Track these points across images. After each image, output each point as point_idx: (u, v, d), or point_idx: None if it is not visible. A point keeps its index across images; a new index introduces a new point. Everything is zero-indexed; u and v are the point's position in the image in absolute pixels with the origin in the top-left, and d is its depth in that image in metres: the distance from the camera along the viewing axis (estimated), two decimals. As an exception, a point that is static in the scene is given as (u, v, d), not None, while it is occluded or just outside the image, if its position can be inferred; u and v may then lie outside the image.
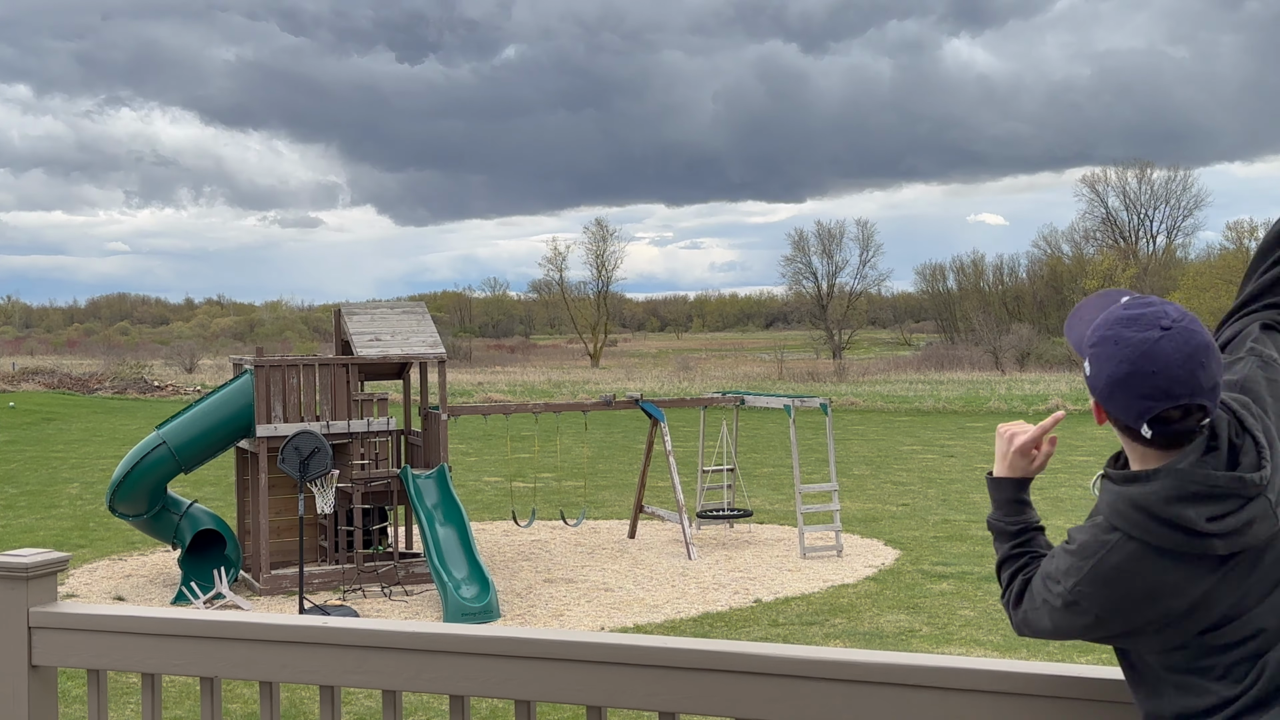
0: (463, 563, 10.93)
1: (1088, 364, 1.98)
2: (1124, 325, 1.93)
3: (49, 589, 2.90)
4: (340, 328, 12.70)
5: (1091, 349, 1.97)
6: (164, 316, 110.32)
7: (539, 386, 43.53)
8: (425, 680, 2.53)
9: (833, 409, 15.24)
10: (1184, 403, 1.86)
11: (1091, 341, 1.98)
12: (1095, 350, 1.96)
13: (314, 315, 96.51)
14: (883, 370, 52.16)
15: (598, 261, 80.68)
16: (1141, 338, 1.90)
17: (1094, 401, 2.00)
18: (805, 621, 10.04)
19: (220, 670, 2.71)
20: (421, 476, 11.74)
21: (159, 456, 11.39)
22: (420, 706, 7.76)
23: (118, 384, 42.49)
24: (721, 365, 56.93)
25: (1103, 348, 1.94)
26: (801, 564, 12.39)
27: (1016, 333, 56.34)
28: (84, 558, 13.02)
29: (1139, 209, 69.05)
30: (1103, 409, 1.98)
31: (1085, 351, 2.00)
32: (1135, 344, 1.90)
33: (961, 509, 15.80)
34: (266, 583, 11.40)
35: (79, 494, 17.90)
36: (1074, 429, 26.91)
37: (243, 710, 7.77)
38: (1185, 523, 1.86)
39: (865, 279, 78.64)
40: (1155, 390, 1.87)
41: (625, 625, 10.03)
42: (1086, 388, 2.02)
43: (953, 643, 9.27)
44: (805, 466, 17.60)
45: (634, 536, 14.11)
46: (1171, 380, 1.86)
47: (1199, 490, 1.87)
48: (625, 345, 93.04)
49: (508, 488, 18.11)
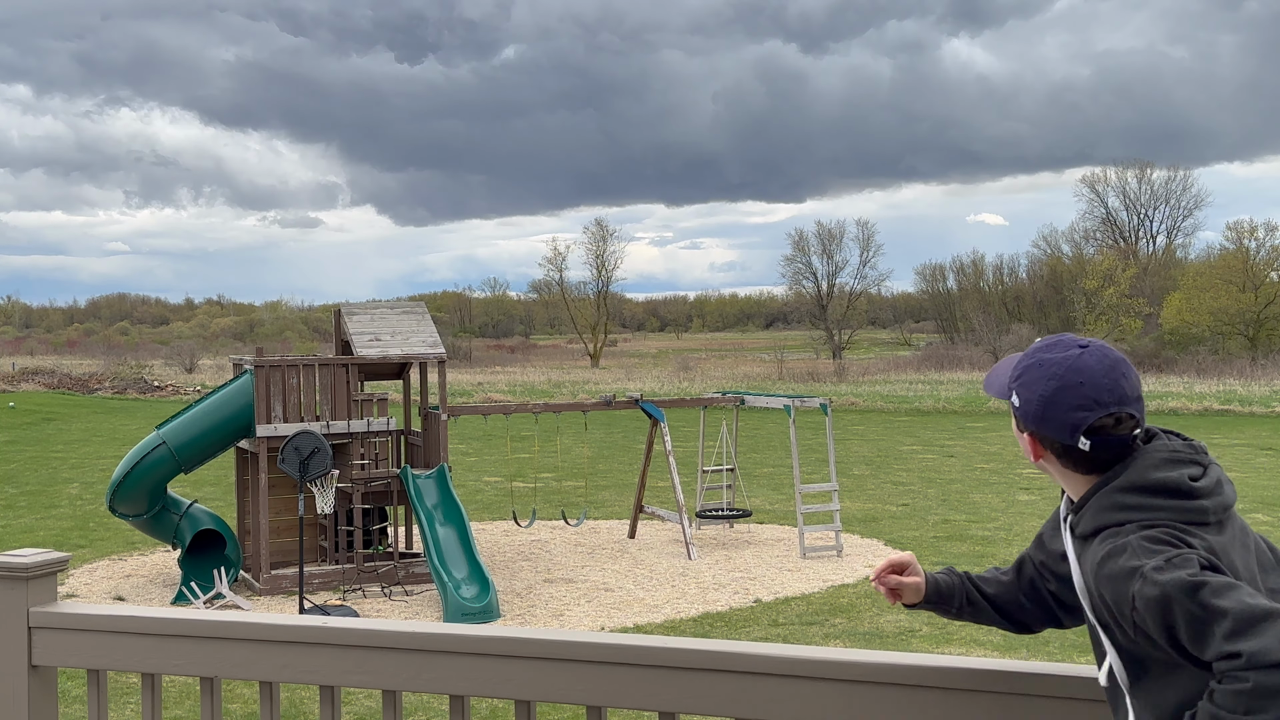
0: (463, 563, 10.93)
1: (1015, 397, 2.02)
2: (1044, 351, 2.02)
3: (49, 589, 2.90)
4: (340, 328, 12.70)
5: (1016, 381, 2.03)
6: (164, 316, 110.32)
7: (539, 386, 43.53)
8: (425, 680, 2.53)
9: (833, 409, 15.24)
10: (1114, 411, 1.93)
11: (1015, 375, 2.04)
12: (1021, 380, 2.02)
13: (314, 315, 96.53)
14: (883, 370, 52.16)
15: (598, 261, 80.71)
16: (1063, 356, 1.98)
17: (1027, 436, 2.03)
18: (805, 621, 10.04)
19: (220, 670, 2.71)
20: (421, 476, 11.74)
21: (159, 456, 11.38)
22: (420, 706, 7.76)
23: (118, 384, 42.49)
24: (721, 365, 56.93)
25: (1028, 375, 2.01)
26: (801, 564, 12.39)
27: (1016, 333, 56.31)
28: (84, 558, 13.02)
29: (1139, 209, 69.11)
30: (1037, 439, 2.01)
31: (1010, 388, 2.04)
32: (1059, 362, 1.98)
33: (961, 509, 15.80)
34: (266, 583, 11.40)
35: (79, 494, 17.90)
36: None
37: (243, 710, 7.77)
38: (1173, 484, 1.89)
39: (865, 279, 78.65)
40: (1086, 400, 1.93)
41: (625, 625, 10.03)
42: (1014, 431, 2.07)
43: (953, 643, 9.27)
44: (805, 466, 17.60)
45: (634, 536, 14.11)
46: (1099, 389, 1.93)
47: (1167, 456, 1.93)
48: (625, 345, 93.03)
49: (508, 488, 18.11)
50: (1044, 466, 2.04)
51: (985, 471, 19.67)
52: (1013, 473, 19.44)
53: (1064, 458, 1.98)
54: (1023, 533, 13.91)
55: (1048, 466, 2.03)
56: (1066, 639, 9.24)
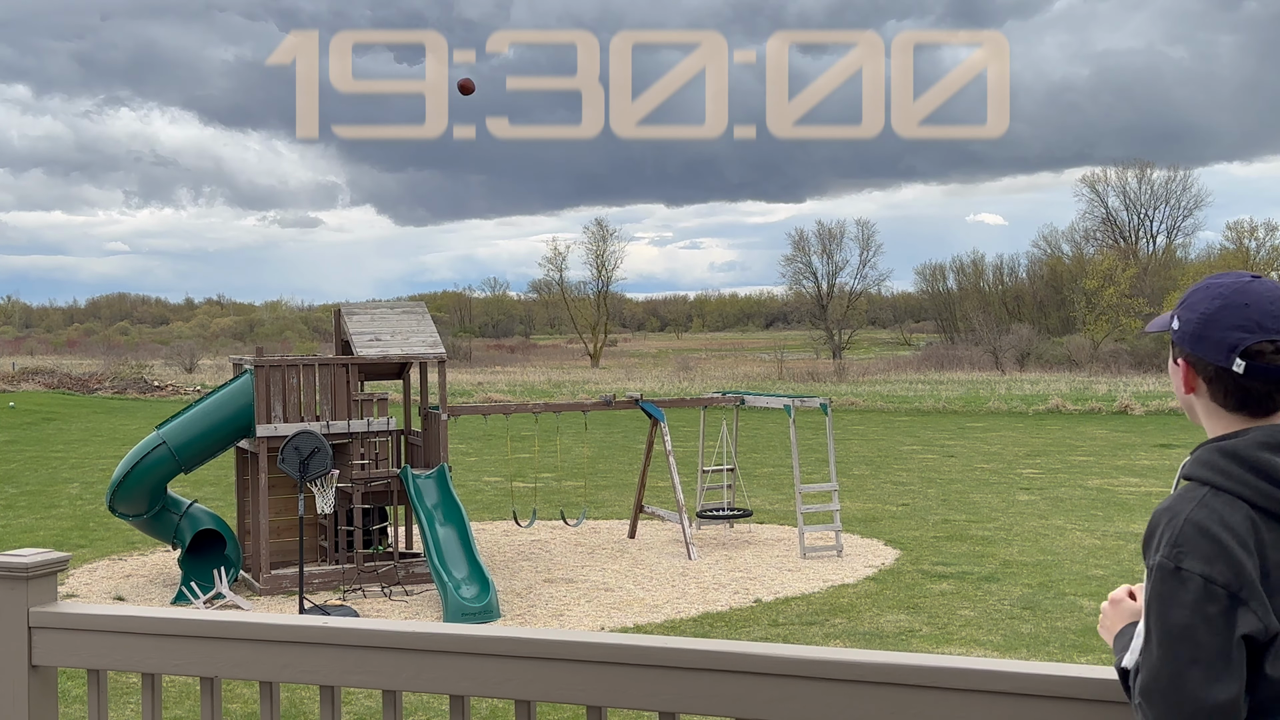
0: (463, 563, 10.93)
1: (1175, 321, 1.97)
2: (1215, 278, 1.98)
3: (49, 589, 2.90)
4: (340, 328, 12.70)
5: (1180, 306, 1.99)
6: (164, 316, 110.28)
7: (539, 386, 43.53)
8: (425, 680, 2.53)
9: (833, 409, 15.24)
10: (1276, 338, 1.87)
11: (1180, 302, 2.00)
12: (1186, 302, 1.98)
13: (314, 315, 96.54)
14: (883, 370, 52.18)
15: (598, 261, 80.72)
16: (1232, 280, 1.95)
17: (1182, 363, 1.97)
18: (805, 621, 10.04)
19: (220, 670, 2.71)
20: (421, 476, 11.74)
21: (159, 456, 11.39)
22: (420, 706, 7.76)
23: (118, 384, 42.50)
24: (721, 365, 56.94)
25: (1194, 296, 1.97)
26: (801, 564, 12.39)
27: (1016, 333, 56.35)
28: (84, 558, 13.02)
29: (1139, 209, 69.10)
30: (1190, 365, 1.95)
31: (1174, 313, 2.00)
32: (1227, 284, 1.94)
33: (961, 509, 15.80)
34: (266, 583, 11.40)
35: (79, 494, 17.91)
36: (1074, 429, 26.92)
37: (243, 710, 7.77)
38: (1271, 470, 1.83)
39: (865, 279, 78.66)
40: (1248, 321, 1.88)
41: (625, 625, 10.03)
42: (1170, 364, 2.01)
43: (953, 643, 9.27)
44: (805, 466, 17.60)
45: (634, 536, 14.11)
46: (1264, 314, 1.88)
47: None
48: (625, 345, 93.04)
49: (508, 488, 18.11)
50: (1190, 404, 1.98)
51: (985, 471, 19.67)
52: (1013, 473, 19.45)
53: (1215, 384, 1.92)
54: (1023, 533, 13.92)
55: (1195, 404, 1.97)
56: (1066, 639, 9.24)
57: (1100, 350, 52.35)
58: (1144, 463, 20.52)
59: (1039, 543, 13.28)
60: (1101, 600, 2.26)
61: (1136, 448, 22.89)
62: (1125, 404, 31.44)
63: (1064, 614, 10.05)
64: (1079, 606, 10.30)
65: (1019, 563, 12.22)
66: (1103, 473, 19.28)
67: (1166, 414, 30.02)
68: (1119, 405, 31.46)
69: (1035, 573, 11.71)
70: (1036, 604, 10.44)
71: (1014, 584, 11.26)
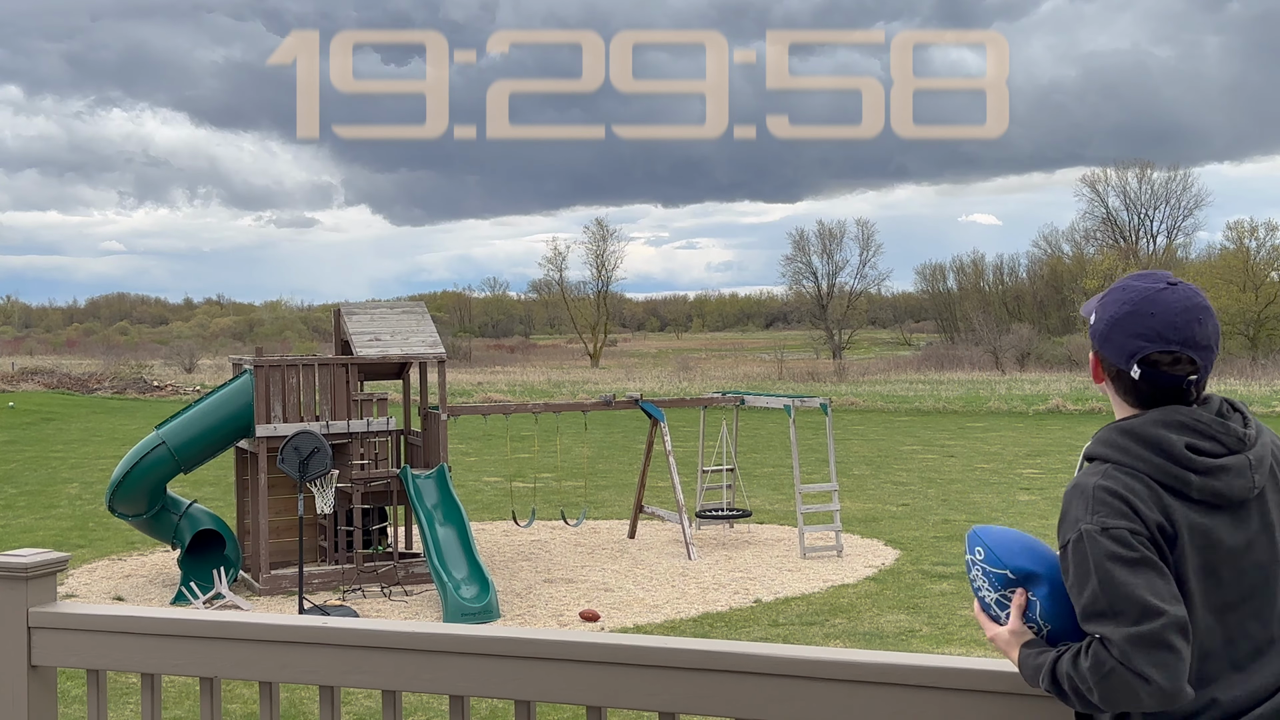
0: (463, 563, 10.93)
1: (1093, 315, 2.08)
2: (1134, 279, 2.07)
3: (49, 589, 2.90)
4: (340, 328, 12.70)
5: (1100, 300, 2.09)
6: (163, 316, 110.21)
7: (539, 386, 43.53)
8: (425, 680, 2.53)
9: (833, 409, 15.24)
10: (1175, 350, 1.97)
11: (1102, 295, 2.10)
12: (1104, 300, 2.08)
13: (313, 315, 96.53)
14: (883, 370, 52.17)
15: (597, 261, 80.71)
16: (1147, 286, 2.04)
17: (1093, 355, 2.10)
18: (805, 621, 10.04)
19: (220, 670, 2.71)
20: (421, 476, 11.74)
21: (158, 456, 11.38)
22: (420, 706, 7.76)
23: (117, 384, 42.49)
24: (721, 365, 56.93)
25: (1110, 296, 2.07)
26: (801, 564, 12.39)
27: (1016, 333, 56.36)
28: (84, 558, 13.02)
29: (1139, 209, 69.09)
30: (1099, 360, 2.07)
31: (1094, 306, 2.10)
32: (1140, 290, 2.03)
33: (961, 509, 15.80)
34: (266, 583, 11.40)
35: (79, 494, 17.90)
36: (1074, 429, 26.92)
37: (243, 710, 7.76)
38: (1165, 444, 1.93)
39: (865, 279, 78.65)
40: (1149, 331, 1.98)
41: (625, 625, 10.03)
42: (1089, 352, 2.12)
43: (953, 643, 9.27)
44: (805, 466, 17.60)
45: (634, 536, 14.11)
46: (1167, 325, 1.97)
47: (1184, 421, 1.96)
48: (625, 345, 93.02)
49: (508, 488, 18.11)
50: (1104, 390, 2.10)
51: (985, 471, 19.67)
52: (1013, 473, 19.45)
53: (1117, 382, 2.04)
54: (1023, 533, 13.91)
55: (1106, 391, 2.09)
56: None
57: (1100, 350, 52.25)
58: (1144, 463, 20.51)
59: (1039, 543, 13.28)
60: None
61: (1136, 448, 22.88)
62: (1125, 404, 31.42)
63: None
64: (1079, 606, 10.30)
65: (1019, 563, 12.22)
66: (1102, 473, 19.28)
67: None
68: (1119, 405, 31.44)
69: (1035, 573, 11.70)
70: (1036, 604, 10.44)
71: (1014, 584, 11.25)
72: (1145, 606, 1.82)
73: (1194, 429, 1.95)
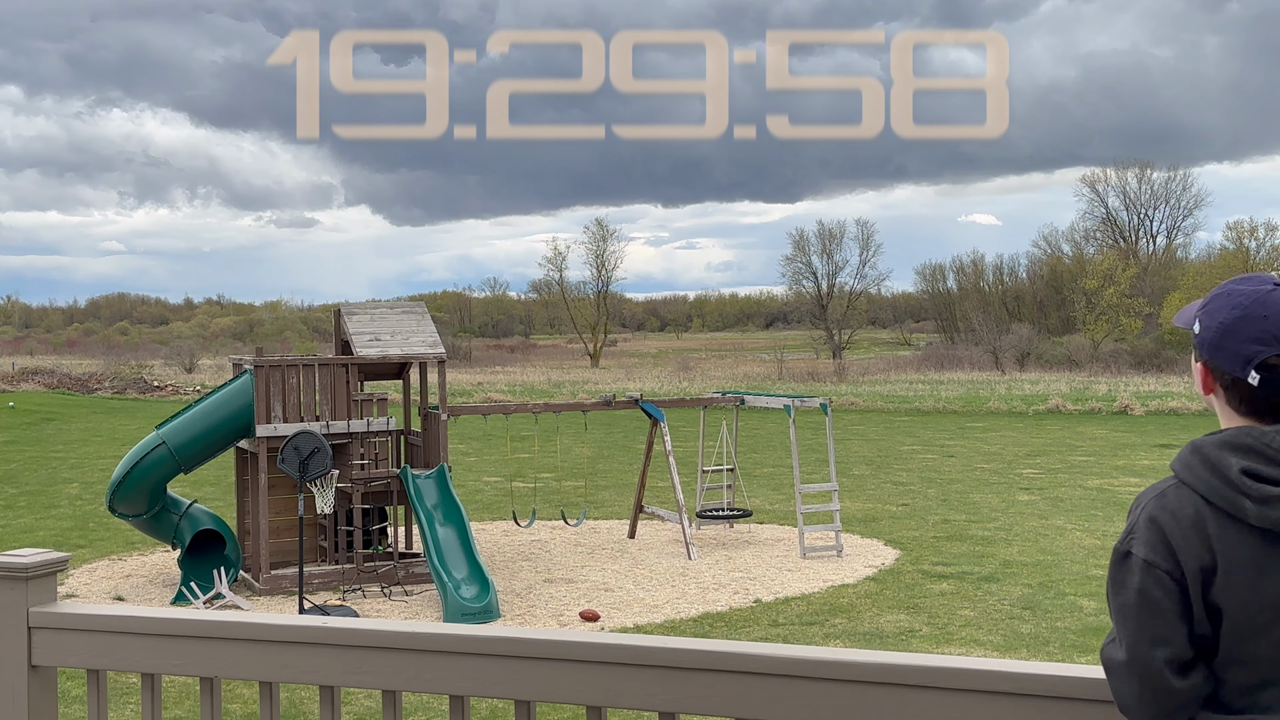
0: (463, 563, 10.93)
1: (1197, 325, 2.01)
2: (1237, 283, 2.00)
3: (49, 589, 2.90)
4: (340, 328, 12.70)
5: (1203, 308, 2.02)
6: (163, 316, 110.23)
7: (539, 386, 43.53)
8: (425, 680, 2.53)
9: (833, 409, 15.24)
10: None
11: (1204, 303, 2.03)
12: (1208, 307, 2.01)
13: (313, 315, 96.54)
14: (883, 370, 52.17)
15: (597, 261, 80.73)
16: (1254, 289, 1.96)
17: (1200, 366, 2.02)
18: (805, 621, 10.04)
19: (220, 670, 2.71)
20: (421, 476, 11.74)
21: (159, 456, 11.38)
22: (420, 706, 7.76)
23: (117, 384, 42.50)
24: (721, 365, 56.93)
25: (1215, 302, 2.00)
26: (801, 564, 12.39)
27: (1016, 333, 56.36)
28: (84, 558, 13.02)
29: (1139, 209, 69.12)
30: (1209, 370, 2.00)
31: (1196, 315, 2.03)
32: (1248, 293, 1.96)
33: (961, 509, 15.80)
34: (266, 583, 11.40)
35: (79, 494, 17.91)
36: (1074, 429, 26.92)
37: (243, 710, 7.77)
38: (1223, 469, 1.87)
39: (865, 279, 78.67)
40: (1265, 334, 1.91)
41: (625, 625, 10.03)
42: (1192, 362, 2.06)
43: (953, 643, 9.27)
44: (805, 466, 17.60)
45: (634, 536, 14.11)
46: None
47: (1251, 444, 1.89)
48: (625, 345, 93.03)
49: (508, 488, 18.11)
50: (1211, 402, 2.03)
51: (985, 471, 19.67)
52: (1013, 473, 19.45)
53: (1231, 391, 1.96)
54: (1023, 533, 13.92)
55: (1215, 402, 2.01)
56: (1066, 639, 9.24)
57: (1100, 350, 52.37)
58: (1144, 463, 20.52)
59: (1039, 543, 13.28)
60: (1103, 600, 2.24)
61: (1136, 448, 22.90)
62: (1125, 404, 31.45)
63: (1064, 614, 10.05)
64: (1079, 607, 10.30)
65: (1019, 563, 12.22)
66: (1103, 473, 19.28)
67: (1166, 414, 30.02)
68: (1119, 405, 31.46)
69: (1035, 573, 11.71)
70: (1036, 604, 10.44)
71: (1014, 584, 11.26)
72: (1134, 643, 1.88)
73: (1258, 452, 1.87)
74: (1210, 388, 2.01)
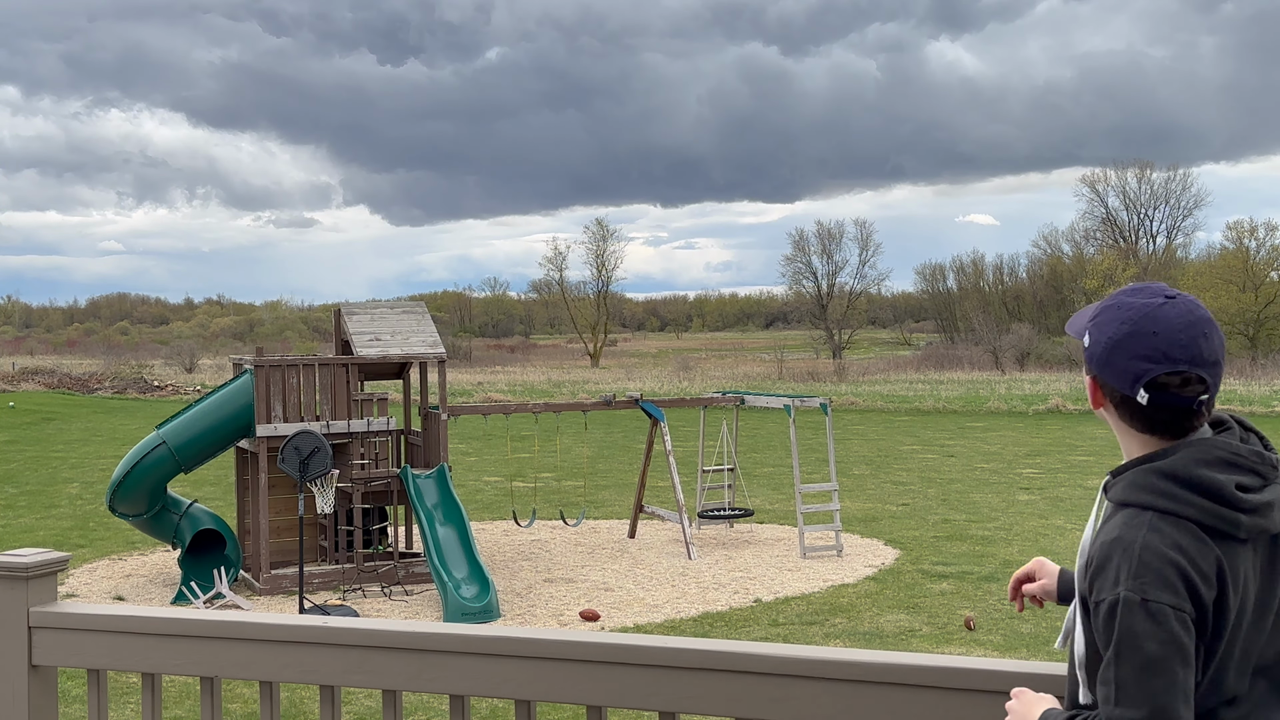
0: (463, 563, 10.93)
1: (1087, 337, 1.92)
2: (1127, 295, 1.90)
3: (49, 589, 2.90)
4: (340, 328, 12.70)
5: (1092, 320, 1.92)
6: (164, 316, 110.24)
7: (539, 386, 43.53)
8: (425, 680, 2.53)
9: (833, 409, 15.24)
10: (1183, 370, 1.81)
11: (1093, 315, 1.93)
12: (1096, 320, 1.91)
13: (314, 315, 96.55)
14: (883, 370, 52.16)
15: (597, 261, 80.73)
16: (1144, 303, 1.86)
17: (1090, 379, 1.93)
18: (805, 621, 10.04)
19: (220, 670, 2.71)
20: (421, 476, 11.74)
21: (159, 456, 11.38)
22: (420, 706, 7.76)
23: (118, 384, 42.49)
24: (721, 365, 56.93)
25: (1104, 315, 1.90)
26: (801, 564, 12.39)
27: (1016, 332, 56.36)
28: (84, 558, 13.02)
29: (1139, 209, 69.09)
30: (1098, 385, 1.91)
31: (1086, 327, 1.94)
32: (1137, 308, 1.86)
33: (961, 509, 15.80)
34: (266, 583, 11.40)
35: (79, 494, 17.90)
36: (1074, 429, 26.92)
37: (243, 710, 7.77)
38: (1215, 488, 1.78)
39: (865, 279, 78.68)
40: (1154, 351, 1.81)
41: (625, 625, 10.03)
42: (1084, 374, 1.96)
43: (953, 643, 9.27)
44: (805, 466, 17.60)
45: (634, 536, 14.11)
46: (1171, 344, 1.81)
47: (1224, 456, 1.82)
48: (625, 345, 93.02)
49: (508, 488, 18.11)
50: (1103, 416, 1.95)
51: (985, 471, 19.67)
52: (1013, 473, 19.45)
53: (1121, 409, 1.88)
54: (1023, 533, 13.92)
55: (1106, 417, 1.93)
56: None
57: (1100, 350, 52.26)
58: (1144, 463, 20.50)
59: (1039, 543, 13.28)
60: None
61: (1136, 448, 22.87)
62: (1125, 404, 31.41)
63: (1064, 614, 10.03)
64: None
65: (1019, 563, 12.22)
66: (1103, 473, 19.24)
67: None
68: (1119, 405, 31.43)
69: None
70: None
71: (1014, 584, 11.25)
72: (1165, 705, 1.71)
73: (1237, 465, 1.81)
74: (1100, 403, 1.92)
